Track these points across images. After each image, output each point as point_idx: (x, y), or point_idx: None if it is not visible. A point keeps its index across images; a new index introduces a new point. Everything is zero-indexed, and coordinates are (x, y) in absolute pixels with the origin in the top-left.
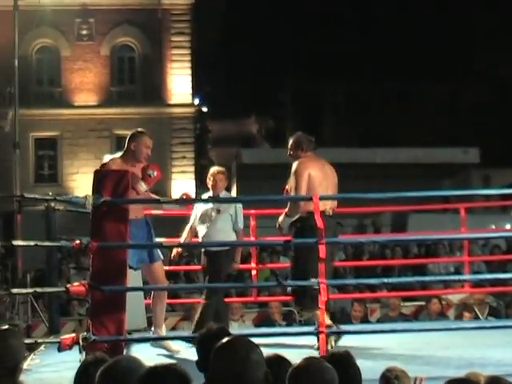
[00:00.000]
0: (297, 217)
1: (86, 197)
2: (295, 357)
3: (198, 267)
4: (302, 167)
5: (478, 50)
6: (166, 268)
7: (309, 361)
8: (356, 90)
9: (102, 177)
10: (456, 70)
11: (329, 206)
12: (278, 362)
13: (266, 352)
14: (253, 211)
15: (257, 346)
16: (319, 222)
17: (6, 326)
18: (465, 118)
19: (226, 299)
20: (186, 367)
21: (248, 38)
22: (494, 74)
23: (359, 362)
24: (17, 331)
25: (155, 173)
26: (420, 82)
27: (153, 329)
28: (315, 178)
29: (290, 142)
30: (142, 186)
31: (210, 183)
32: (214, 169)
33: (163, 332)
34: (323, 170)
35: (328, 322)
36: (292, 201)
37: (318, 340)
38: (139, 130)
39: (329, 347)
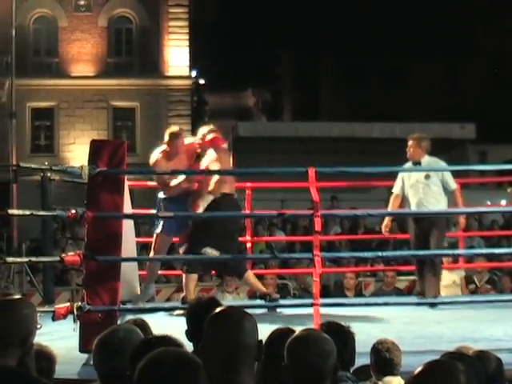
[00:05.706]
0: None
1: (81, 167)
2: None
3: None
4: None
5: (475, 23)
6: None
7: (308, 331)
8: (352, 64)
9: (98, 147)
10: (453, 45)
11: None
12: (288, 334)
13: (260, 324)
14: (249, 184)
15: (250, 314)
16: None
17: (19, 296)
18: (461, 93)
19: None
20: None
21: (246, 11)
22: (491, 49)
23: None
24: (29, 301)
25: None
26: (416, 56)
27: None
28: None
29: None
30: None
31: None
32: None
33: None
34: None
35: None
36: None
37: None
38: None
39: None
